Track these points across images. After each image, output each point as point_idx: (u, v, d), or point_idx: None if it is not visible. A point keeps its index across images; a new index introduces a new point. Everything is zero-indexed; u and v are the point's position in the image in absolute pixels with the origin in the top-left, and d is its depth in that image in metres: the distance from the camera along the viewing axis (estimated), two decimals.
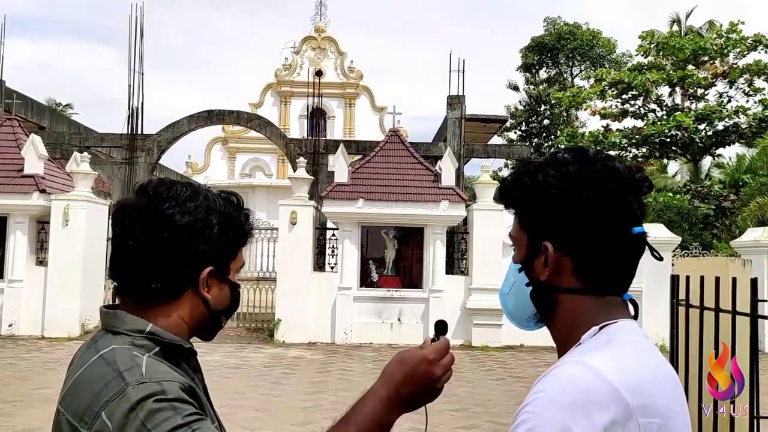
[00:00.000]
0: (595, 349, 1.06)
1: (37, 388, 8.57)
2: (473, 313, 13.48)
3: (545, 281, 1.15)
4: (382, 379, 1.18)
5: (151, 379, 1.11)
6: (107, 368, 1.15)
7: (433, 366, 1.18)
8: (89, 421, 1.11)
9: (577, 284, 1.13)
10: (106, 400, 1.10)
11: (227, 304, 1.33)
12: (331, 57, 35.21)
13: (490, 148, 22.22)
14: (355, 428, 1.13)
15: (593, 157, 1.15)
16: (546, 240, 1.13)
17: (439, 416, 7.36)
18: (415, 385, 1.18)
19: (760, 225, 15.77)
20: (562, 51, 36.70)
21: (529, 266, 1.18)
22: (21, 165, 13.78)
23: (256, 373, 10.20)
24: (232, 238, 1.31)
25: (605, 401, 0.98)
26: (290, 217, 13.70)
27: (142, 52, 20.13)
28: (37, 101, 21.21)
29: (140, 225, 1.23)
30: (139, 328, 1.22)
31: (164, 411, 1.08)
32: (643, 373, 1.04)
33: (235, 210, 1.33)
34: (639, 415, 0.99)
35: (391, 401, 1.16)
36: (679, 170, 30.22)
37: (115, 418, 1.08)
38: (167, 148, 19.65)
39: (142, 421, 1.06)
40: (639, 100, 26.07)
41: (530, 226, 1.17)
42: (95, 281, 14.01)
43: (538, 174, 1.15)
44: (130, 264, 1.24)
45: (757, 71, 24.33)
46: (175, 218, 1.23)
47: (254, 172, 33.82)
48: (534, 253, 1.16)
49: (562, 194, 1.12)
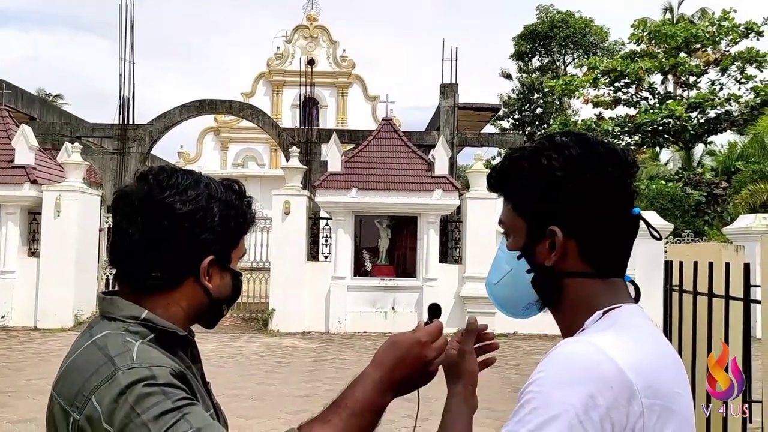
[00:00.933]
0: (599, 331, 1.06)
1: (31, 379, 8.55)
2: (467, 302, 13.52)
3: (551, 266, 1.13)
4: (375, 363, 1.17)
5: (141, 364, 1.11)
6: (99, 353, 1.14)
7: (425, 349, 1.17)
8: (80, 405, 1.11)
9: (584, 267, 1.13)
10: (96, 384, 1.10)
11: (228, 292, 1.33)
12: (323, 46, 35.04)
13: (483, 136, 22.20)
14: (347, 411, 1.12)
15: (593, 140, 1.15)
16: (552, 225, 1.12)
17: (432, 403, 7.38)
18: (407, 368, 1.17)
19: (752, 212, 15.85)
20: (555, 39, 36.65)
21: (531, 252, 1.16)
22: (12, 155, 13.68)
23: (251, 363, 10.21)
24: (234, 227, 1.30)
25: (609, 381, 0.98)
26: (284, 207, 13.68)
27: (132, 42, 19.99)
28: (27, 91, 21.02)
29: (141, 213, 1.22)
30: (133, 315, 1.22)
31: (154, 396, 1.07)
32: (647, 356, 1.04)
33: (237, 198, 1.32)
34: (643, 396, 0.99)
35: (384, 384, 1.15)
36: (671, 158, 30.30)
37: (105, 402, 1.08)
38: (159, 138, 19.53)
39: (132, 405, 1.06)
40: (631, 88, 26.10)
41: (532, 211, 1.15)
42: (88, 272, 13.96)
43: (541, 158, 1.13)
44: (130, 252, 1.23)
45: (749, 59, 24.39)
46: (176, 206, 1.22)
47: (247, 162, 33.71)
48: (535, 239, 1.15)
49: (567, 178, 1.11)
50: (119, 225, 1.25)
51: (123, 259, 1.25)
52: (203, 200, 1.25)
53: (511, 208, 1.19)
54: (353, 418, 1.12)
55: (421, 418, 1.39)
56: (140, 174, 1.29)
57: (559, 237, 1.12)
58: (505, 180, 1.20)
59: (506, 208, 1.20)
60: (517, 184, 1.17)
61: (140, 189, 1.24)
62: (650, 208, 18.39)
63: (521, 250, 1.18)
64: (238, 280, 1.34)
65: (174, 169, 1.29)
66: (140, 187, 1.25)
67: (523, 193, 1.16)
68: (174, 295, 1.25)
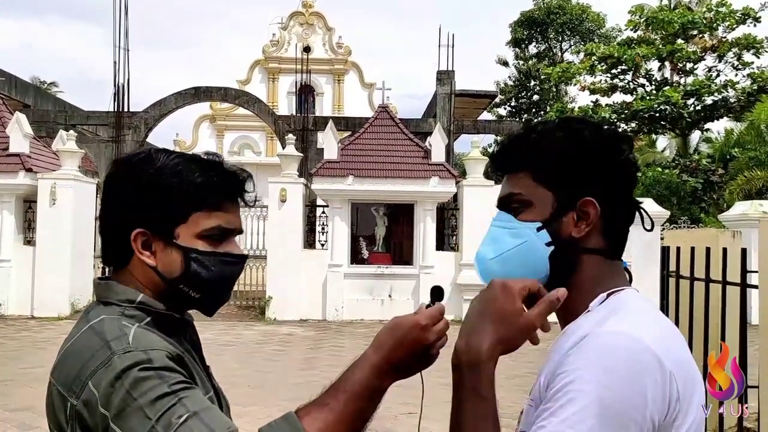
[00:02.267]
0: (618, 316, 1.05)
1: (28, 367, 8.56)
2: (464, 289, 13.54)
3: (578, 239, 1.12)
4: (374, 345, 1.16)
5: (138, 348, 1.10)
6: (96, 338, 1.14)
7: (425, 331, 1.15)
8: (77, 390, 1.10)
9: (602, 245, 1.14)
10: (92, 369, 1.09)
11: (179, 271, 1.24)
12: (319, 33, 34.83)
13: (480, 123, 22.16)
14: (345, 394, 1.11)
15: (608, 125, 1.19)
16: (587, 196, 1.12)
17: (430, 390, 7.42)
18: (407, 350, 1.14)
19: (748, 198, 15.89)
20: (552, 26, 36.50)
21: (555, 224, 1.13)
22: (6, 143, 13.61)
23: (248, 350, 10.23)
24: (174, 199, 1.22)
25: (652, 372, 0.97)
26: (280, 195, 13.65)
27: (127, 29, 19.84)
28: (21, 79, 20.90)
29: (103, 194, 1.30)
30: (129, 298, 1.22)
31: (150, 379, 1.06)
32: (669, 338, 1.04)
33: (194, 170, 1.23)
34: (678, 382, 1.00)
35: (383, 367, 1.13)
36: (667, 145, 30.30)
37: (102, 386, 1.07)
38: (154, 125, 19.44)
39: (128, 389, 1.05)
40: (628, 74, 26.04)
41: (565, 182, 1.13)
42: (84, 260, 13.94)
43: (584, 131, 1.15)
44: (101, 233, 1.31)
45: (746, 45, 24.32)
46: (114, 183, 1.27)
47: (243, 149, 33.60)
48: (563, 211, 1.13)
49: (604, 151, 1.14)
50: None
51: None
52: (150, 174, 1.23)
53: (532, 179, 1.15)
54: (351, 400, 1.11)
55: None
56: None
57: (597, 209, 1.12)
58: (530, 149, 1.16)
59: (523, 180, 1.16)
60: (549, 153, 1.14)
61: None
62: (647, 195, 18.41)
63: (544, 222, 1.14)
64: (188, 257, 1.23)
65: (141, 151, 1.29)
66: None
67: (555, 162, 1.14)
68: (129, 270, 1.26)
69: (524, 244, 1.14)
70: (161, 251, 1.24)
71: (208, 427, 1.04)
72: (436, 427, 6.35)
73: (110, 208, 1.26)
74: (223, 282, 1.28)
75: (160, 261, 1.24)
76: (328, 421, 1.09)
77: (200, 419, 1.05)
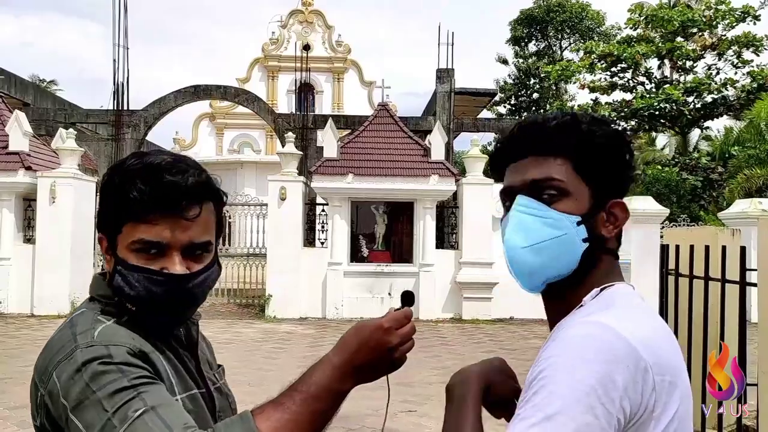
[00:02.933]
0: (602, 309, 1.05)
1: (28, 365, 8.50)
2: (463, 287, 13.55)
3: (607, 239, 1.13)
4: (337, 347, 1.16)
5: (101, 343, 1.13)
6: (68, 331, 1.18)
7: (388, 334, 1.14)
8: (45, 380, 1.14)
9: (617, 245, 1.16)
10: (57, 360, 1.13)
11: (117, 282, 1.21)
12: (318, 31, 34.78)
13: (479, 122, 22.14)
14: (302, 396, 1.10)
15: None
16: (616, 197, 1.14)
17: (428, 388, 7.43)
18: (369, 353, 1.14)
19: (748, 197, 15.88)
20: (551, 24, 36.50)
21: (591, 220, 1.10)
22: (5, 142, 13.61)
23: (248, 348, 10.24)
24: (114, 210, 1.20)
25: (624, 359, 0.97)
26: (280, 193, 13.65)
27: (126, 27, 19.82)
28: (20, 77, 20.87)
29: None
30: (108, 294, 1.24)
31: (110, 373, 1.08)
32: (651, 332, 1.04)
33: (134, 179, 1.18)
34: (654, 373, 0.99)
35: (344, 369, 1.13)
36: (667, 143, 30.29)
37: (63, 378, 1.10)
38: (154, 124, 19.42)
39: (87, 382, 1.08)
40: (628, 73, 26.03)
41: (596, 177, 1.11)
42: (84, 259, 13.94)
43: (623, 132, 1.16)
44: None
45: (746, 43, 24.31)
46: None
47: (242, 148, 33.56)
48: (598, 208, 1.12)
49: (628, 154, 1.14)
50: None
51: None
52: (104, 179, 1.27)
53: (572, 167, 1.10)
54: (307, 402, 1.10)
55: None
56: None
57: (627, 213, 1.15)
58: (578, 135, 1.11)
59: (561, 167, 1.10)
60: (598, 144, 1.11)
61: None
62: (646, 193, 18.39)
63: (584, 216, 1.10)
64: (115, 269, 1.20)
65: (135, 154, 1.27)
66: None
67: (601, 156, 1.11)
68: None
69: (564, 237, 1.09)
70: (110, 259, 1.24)
71: (163, 422, 1.04)
72: (435, 425, 6.34)
73: (100, 212, 1.28)
74: (153, 301, 1.18)
75: (109, 267, 1.25)
76: (282, 420, 1.08)
77: (157, 414, 1.05)
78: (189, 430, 1.05)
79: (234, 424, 1.08)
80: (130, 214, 1.18)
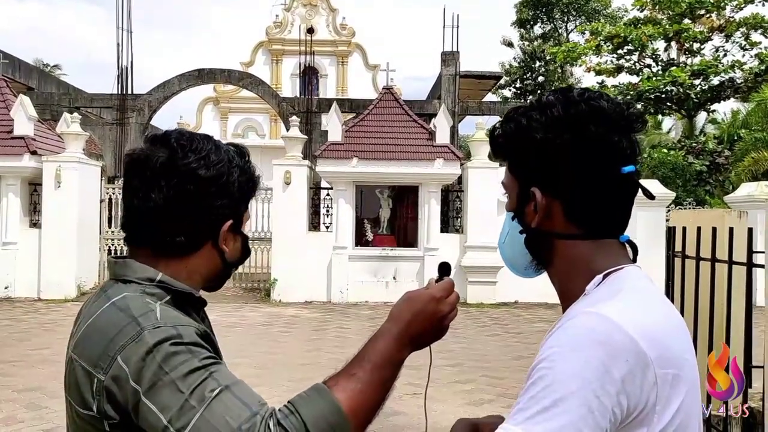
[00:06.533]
0: (605, 298, 1.04)
1: (36, 348, 8.63)
2: (468, 271, 13.56)
3: (536, 227, 1.14)
4: (392, 318, 1.20)
5: (167, 324, 1.12)
6: (121, 314, 1.15)
7: (440, 303, 1.22)
8: (105, 366, 1.11)
9: (571, 229, 1.12)
10: (122, 344, 1.11)
11: (239, 255, 1.35)
12: (322, 14, 34.58)
13: (484, 105, 22.03)
14: (370, 364, 1.14)
15: (578, 98, 1.11)
16: (533, 185, 1.12)
17: (435, 371, 7.46)
18: (424, 322, 1.20)
19: (754, 180, 15.80)
20: (557, 5, 36.13)
21: (521, 213, 1.17)
22: (10, 126, 13.61)
23: (254, 332, 10.29)
24: (246, 191, 1.32)
25: (623, 352, 0.96)
26: (284, 177, 13.65)
27: (130, 10, 19.72)
28: (25, 62, 20.83)
29: (164, 177, 1.22)
30: (149, 277, 1.22)
31: (181, 354, 1.08)
32: (656, 322, 1.02)
33: (246, 162, 1.34)
34: (656, 367, 0.98)
35: (402, 339, 1.18)
36: (673, 126, 30.10)
37: (132, 361, 1.08)
38: (158, 108, 19.40)
39: (159, 364, 1.07)
40: (634, 55, 25.79)
41: (519, 172, 1.16)
42: (90, 242, 14.00)
43: (522, 119, 1.13)
44: (151, 216, 1.23)
45: (754, 25, 24.04)
46: (200, 172, 1.23)
47: (247, 132, 33.53)
48: (524, 200, 1.15)
49: (547, 139, 1.10)
50: (138, 189, 1.24)
51: (142, 223, 1.25)
52: (225, 166, 1.27)
53: (507, 169, 1.20)
54: (376, 370, 1.14)
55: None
56: (158, 137, 1.28)
57: (538, 198, 1.12)
58: (495, 141, 1.20)
59: (506, 168, 1.21)
60: (506, 145, 1.17)
61: (160, 153, 1.24)
62: (652, 176, 18.33)
63: (513, 210, 1.19)
64: (247, 242, 1.37)
65: (192, 134, 1.29)
66: (160, 150, 1.24)
67: (511, 154, 1.17)
68: (192, 258, 1.27)
69: (510, 232, 1.21)
70: (231, 239, 1.31)
71: (240, 400, 1.06)
72: (440, 407, 6.38)
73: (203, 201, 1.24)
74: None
75: (229, 248, 1.32)
76: (356, 390, 1.11)
77: (232, 393, 1.07)
78: (265, 406, 1.07)
79: (311, 396, 1.09)
80: (254, 194, 1.35)
